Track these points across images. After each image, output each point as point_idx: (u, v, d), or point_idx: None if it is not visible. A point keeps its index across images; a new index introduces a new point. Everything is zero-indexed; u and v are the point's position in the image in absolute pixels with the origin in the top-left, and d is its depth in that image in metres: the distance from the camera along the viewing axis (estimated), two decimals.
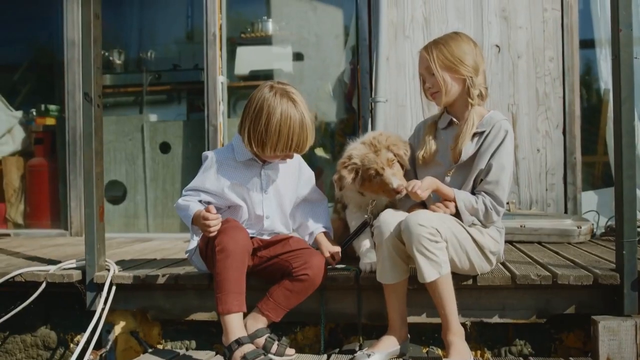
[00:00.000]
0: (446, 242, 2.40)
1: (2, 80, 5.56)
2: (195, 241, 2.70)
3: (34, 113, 5.37)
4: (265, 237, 2.69)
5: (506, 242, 3.57)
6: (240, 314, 2.41)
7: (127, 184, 4.97)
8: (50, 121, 5.21)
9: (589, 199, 4.36)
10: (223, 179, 2.63)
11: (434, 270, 2.34)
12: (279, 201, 2.73)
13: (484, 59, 2.70)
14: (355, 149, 2.71)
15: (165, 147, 4.90)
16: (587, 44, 4.57)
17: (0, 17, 5.57)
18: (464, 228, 2.51)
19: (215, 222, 2.43)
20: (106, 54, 5.28)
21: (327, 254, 2.71)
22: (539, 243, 3.61)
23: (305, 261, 2.53)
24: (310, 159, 4.79)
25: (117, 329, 2.99)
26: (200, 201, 2.62)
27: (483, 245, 2.55)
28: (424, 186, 2.46)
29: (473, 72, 2.59)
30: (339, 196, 2.98)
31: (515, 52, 4.29)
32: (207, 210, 2.45)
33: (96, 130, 2.95)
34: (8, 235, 5.00)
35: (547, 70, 4.26)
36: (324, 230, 2.83)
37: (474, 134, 2.61)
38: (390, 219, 2.47)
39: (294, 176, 2.80)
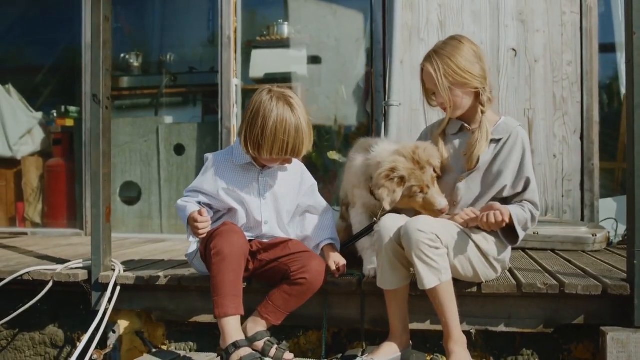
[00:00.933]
0: (447, 248, 2.36)
1: (24, 82, 5.65)
2: (194, 244, 2.71)
3: (55, 114, 5.46)
4: (265, 241, 2.68)
5: (519, 249, 3.54)
6: (238, 317, 2.40)
7: (141, 185, 5.01)
8: (70, 122, 5.29)
9: (608, 207, 4.25)
10: (219, 181, 2.63)
11: (434, 276, 2.30)
12: (277, 208, 2.71)
13: (486, 58, 2.61)
14: (399, 162, 2.51)
15: (179, 149, 4.93)
16: (608, 48, 4.49)
17: (24, 20, 5.68)
18: (467, 235, 2.47)
19: (203, 225, 2.44)
20: (125, 56, 5.34)
21: (334, 267, 2.68)
22: (553, 251, 3.53)
23: (303, 265, 2.51)
24: (324, 162, 4.78)
25: (122, 329, 3.01)
26: (199, 202, 2.62)
27: (487, 252, 2.50)
28: (506, 216, 2.39)
29: (482, 81, 2.53)
30: (343, 196, 2.94)
31: (532, 55, 4.22)
32: (199, 213, 2.46)
33: (104, 132, 2.97)
34: (25, 234, 5.08)
35: (564, 75, 4.18)
36: (330, 242, 2.79)
37: (491, 141, 2.56)
38: (390, 224, 2.43)
39: (295, 184, 2.78)
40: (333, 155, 4.66)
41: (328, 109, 4.88)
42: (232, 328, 2.36)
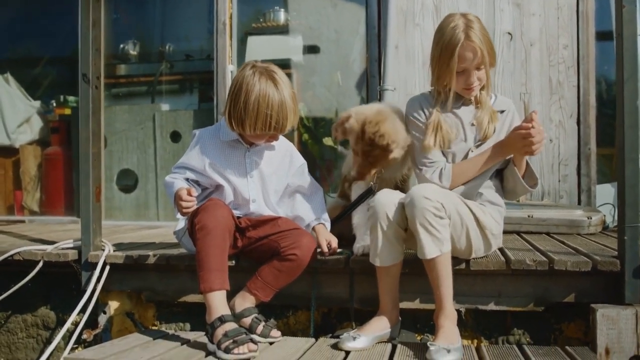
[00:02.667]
0: (449, 218, 2.34)
1: (24, 72, 5.67)
2: (182, 221, 2.70)
3: (54, 104, 5.47)
4: (254, 218, 2.66)
5: (513, 232, 3.52)
6: (223, 292, 2.38)
7: (138, 172, 5.01)
8: (68, 111, 5.30)
9: (605, 192, 4.21)
10: (205, 157, 2.62)
11: (436, 247, 2.28)
12: (264, 186, 2.70)
13: None
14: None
15: (175, 136, 4.93)
16: (606, 35, 4.44)
17: (24, 10, 5.69)
18: (467, 206, 2.44)
19: (187, 205, 2.43)
20: (124, 46, 5.35)
21: (325, 245, 2.66)
22: (547, 234, 3.50)
23: (294, 241, 2.50)
24: (320, 149, 4.77)
25: (112, 310, 3.00)
26: (187, 179, 2.61)
27: (485, 224, 2.48)
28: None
29: (495, 59, 2.58)
30: (346, 172, 2.90)
31: (528, 39, 4.19)
32: (188, 193, 2.44)
33: (94, 111, 2.98)
34: (23, 222, 5.09)
35: (561, 59, 4.15)
36: (321, 221, 2.78)
37: (499, 111, 2.60)
38: (385, 199, 2.40)
39: (284, 163, 2.77)
40: (328, 141, 4.64)
41: (324, 97, 4.87)
42: (218, 302, 2.35)
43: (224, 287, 2.38)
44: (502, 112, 2.62)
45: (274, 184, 2.73)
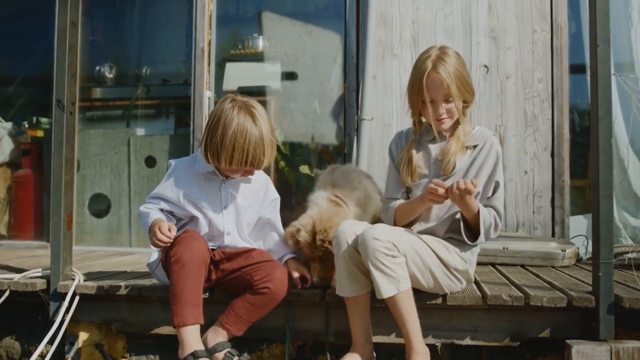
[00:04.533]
0: (405, 257, 2.32)
1: None
2: (156, 253, 2.65)
3: (26, 125, 5.37)
4: (228, 250, 2.62)
5: (489, 264, 3.53)
6: (197, 327, 2.34)
7: (111, 197, 4.93)
8: (40, 133, 5.21)
9: (579, 224, 4.26)
10: (179, 188, 2.58)
11: (392, 285, 2.26)
12: (239, 219, 2.67)
13: None
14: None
15: (150, 161, 4.87)
16: (580, 68, 4.53)
17: None
18: (427, 244, 2.43)
19: (164, 239, 2.36)
20: (100, 69, 5.30)
21: (297, 277, 2.65)
22: (522, 266, 3.51)
23: (267, 274, 2.46)
24: (297, 177, 4.75)
25: (81, 341, 2.92)
26: (162, 210, 2.56)
27: (448, 262, 2.46)
28: (477, 184, 2.32)
29: (473, 95, 2.56)
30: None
31: (504, 72, 4.25)
32: (169, 229, 2.38)
33: (68, 138, 2.92)
34: None
35: (535, 92, 4.21)
36: (293, 255, 2.74)
37: (467, 147, 2.56)
38: (348, 229, 2.38)
39: (259, 196, 2.75)
40: (305, 169, 4.63)
41: (302, 124, 4.87)
42: (191, 338, 2.30)
43: (198, 322, 2.33)
44: (474, 147, 2.56)
45: (248, 216, 2.70)
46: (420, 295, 2.49)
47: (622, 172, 4.22)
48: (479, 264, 3.45)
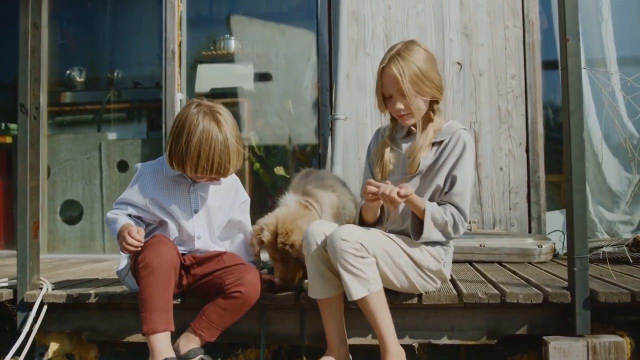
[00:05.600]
0: (375, 257, 2.28)
1: None
2: (125, 259, 2.58)
3: None
4: (198, 255, 2.57)
5: (466, 261, 3.51)
6: (167, 334, 2.28)
7: (83, 203, 4.84)
8: (9, 139, 5.09)
9: (555, 219, 4.27)
10: (147, 192, 2.53)
11: (362, 287, 2.22)
12: (209, 221, 2.62)
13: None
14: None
15: (122, 166, 4.79)
16: (553, 64, 4.54)
17: None
18: (397, 244, 2.39)
19: (133, 243, 2.31)
20: (71, 73, 5.20)
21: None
22: (499, 263, 3.50)
23: (238, 277, 2.40)
24: (272, 178, 4.70)
25: (51, 352, 2.84)
26: (130, 215, 2.50)
27: (421, 263, 2.43)
28: (408, 191, 2.29)
29: (440, 90, 2.49)
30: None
31: (477, 69, 4.24)
32: (138, 232, 2.33)
33: (32, 143, 2.84)
34: None
35: (509, 88, 4.21)
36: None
37: (433, 144, 2.51)
38: (317, 230, 2.34)
39: (229, 197, 2.69)
40: (280, 170, 4.59)
41: (276, 125, 4.82)
42: (162, 345, 2.24)
43: (168, 329, 2.28)
44: (440, 142, 2.51)
45: (219, 218, 2.65)
46: (395, 295, 2.46)
47: (596, 166, 4.24)
48: (456, 262, 3.44)
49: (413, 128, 2.57)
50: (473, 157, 2.51)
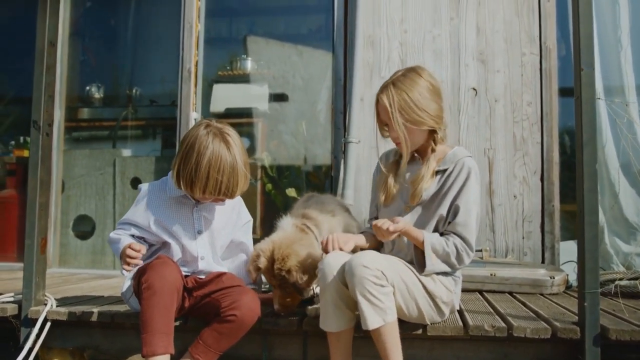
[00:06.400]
0: (393, 286, 2.24)
1: None
2: (129, 280, 2.58)
3: (13, 145, 5.32)
4: (201, 277, 2.55)
5: (476, 291, 3.45)
6: (167, 356, 2.25)
7: (96, 219, 4.87)
8: (26, 153, 5.15)
9: (569, 249, 4.17)
10: (150, 213, 2.53)
11: (378, 317, 2.18)
12: (213, 242, 2.61)
13: (443, 94, 2.53)
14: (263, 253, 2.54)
15: (136, 183, 4.81)
16: (570, 91, 4.46)
17: None
18: (414, 274, 2.36)
19: (133, 254, 2.32)
20: (90, 88, 5.27)
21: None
22: (510, 293, 3.43)
23: (234, 300, 2.36)
24: (284, 200, 4.68)
25: None
26: (132, 236, 2.50)
27: (434, 293, 2.39)
28: (398, 227, 2.29)
29: (438, 120, 2.45)
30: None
31: (492, 95, 4.20)
32: (138, 250, 2.35)
33: (43, 159, 2.86)
34: None
35: (524, 115, 4.16)
36: (253, 287, 2.69)
37: (437, 172, 2.48)
38: (334, 261, 2.29)
39: (232, 218, 2.69)
40: (292, 192, 4.56)
41: (290, 147, 4.82)
42: None
43: (168, 351, 2.25)
44: (444, 170, 2.47)
45: (222, 239, 2.65)
46: (401, 324, 2.39)
47: (613, 197, 4.16)
48: (466, 290, 3.39)
49: (417, 156, 2.55)
50: (478, 185, 2.47)
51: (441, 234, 2.44)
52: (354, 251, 2.42)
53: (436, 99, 2.46)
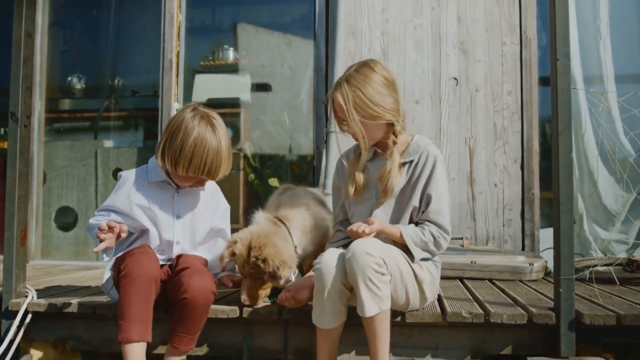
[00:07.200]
0: (391, 275, 2.26)
1: None
2: (109, 272, 2.59)
3: None
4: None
5: (456, 278, 3.49)
6: (143, 344, 2.28)
7: (78, 210, 4.85)
8: (5, 145, 5.11)
9: (549, 236, 4.21)
10: (132, 198, 2.55)
11: (375, 304, 2.21)
12: (192, 227, 2.64)
13: (398, 85, 2.52)
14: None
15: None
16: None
17: None
18: (408, 262, 2.39)
19: (112, 227, 2.33)
20: (72, 79, 5.23)
21: (230, 284, 2.70)
22: (490, 280, 3.48)
23: (183, 283, 2.36)
24: (266, 189, 4.69)
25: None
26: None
27: (422, 279, 2.43)
28: (374, 227, 2.33)
29: (395, 113, 2.44)
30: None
31: (473, 85, 4.23)
32: (109, 226, 2.35)
33: (22, 151, 2.85)
34: None
35: (505, 104, 4.20)
36: (226, 273, 2.73)
37: (403, 163, 2.50)
38: (332, 261, 2.30)
39: (211, 206, 2.73)
40: (274, 182, 4.58)
41: (272, 137, 4.82)
42: (135, 354, 2.25)
43: (144, 339, 2.28)
44: (410, 162, 2.49)
45: (202, 224, 2.68)
46: None
47: (592, 185, 4.22)
48: (446, 278, 3.44)
49: (379, 151, 2.56)
50: (444, 170, 2.51)
51: (416, 224, 2.47)
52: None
53: (391, 92, 2.45)
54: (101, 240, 2.35)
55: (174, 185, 2.61)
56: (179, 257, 2.56)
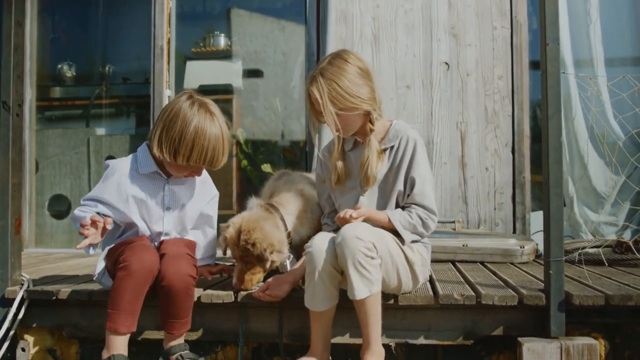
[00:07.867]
0: (381, 258, 2.30)
1: None
2: (102, 262, 2.60)
3: None
4: None
5: (448, 261, 3.54)
6: (127, 336, 2.34)
7: (71, 198, 4.86)
8: None
9: (540, 219, 4.26)
10: (123, 189, 2.51)
11: (365, 287, 2.25)
12: (182, 218, 2.64)
13: (374, 74, 2.53)
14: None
15: None
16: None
17: None
18: (398, 245, 2.42)
19: (95, 221, 2.32)
20: (62, 67, 5.21)
21: (210, 277, 2.75)
22: (482, 263, 3.53)
23: (161, 270, 2.37)
24: (259, 175, 4.71)
25: (32, 347, 2.86)
26: (98, 213, 2.46)
27: (413, 261, 2.47)
28: (361, 212, 2.37)
29: (372, 102, 2.47)
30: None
31: (464, 69, 4.25)
32: (93, 220, 2.33)
33: (14, 140, 2.85)
34: None
35: (496, 89, 4.22)
36: (206, 262, 2.77)
37: (384, 150, 2.53)
38: (322, 244, 2.34)
39: (202, 193, 2.72)
40: (267, 167, 4.60)
41: (265, 123, 4.83)
42: (118, 345, 2.31)
43: (130, 331, 2.33)
44: (391, 148, 2.53)
45: (192, 212, 2.68)
46: None
47: (582, 168, 4.26)
48: (438, 261, 3.49)
49: (359, 140, 2.59)
50: (425, 152, 2.55)
51: (402, 208, 2.51)
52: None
53: (367, 82, 2.47)
54: (85, 237, 2.32)
55: (165, 175, 2.57)
56: (160, 242, 2.56)
